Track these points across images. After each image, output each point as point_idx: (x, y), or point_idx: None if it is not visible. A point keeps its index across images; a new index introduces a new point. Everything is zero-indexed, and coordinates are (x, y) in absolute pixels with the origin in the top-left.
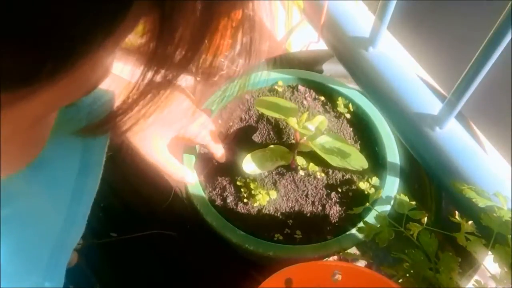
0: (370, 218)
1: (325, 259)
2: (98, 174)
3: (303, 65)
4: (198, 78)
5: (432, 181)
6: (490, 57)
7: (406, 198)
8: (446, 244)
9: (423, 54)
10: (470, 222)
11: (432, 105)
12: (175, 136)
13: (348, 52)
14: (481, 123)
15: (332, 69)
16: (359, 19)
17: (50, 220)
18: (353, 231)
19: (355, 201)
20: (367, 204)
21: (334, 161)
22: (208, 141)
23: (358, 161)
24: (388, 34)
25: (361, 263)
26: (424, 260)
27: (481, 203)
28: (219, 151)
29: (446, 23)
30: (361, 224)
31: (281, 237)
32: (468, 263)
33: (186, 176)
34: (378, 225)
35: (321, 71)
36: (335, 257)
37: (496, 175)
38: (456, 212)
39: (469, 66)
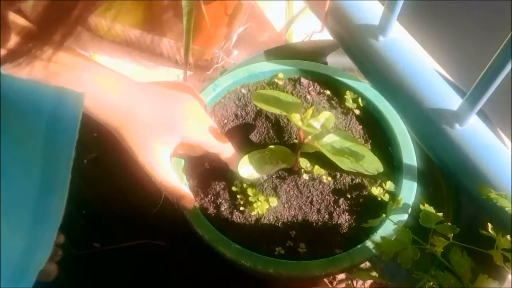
0: (386, 229)
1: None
2: (63, 194)
3: (305, 57)
4: (189, 72)
5: (449, 184)
6: None
7: (431, 209)
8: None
9: (436, 47)
10: (507, 236)
11: (450, 100)
12: (179, 144)
13: (355, 42)
14: (500, 122)
15: (338, 62)
16: (367, 5)
17: (9, 244)
18: (366, 243)
19: (367, 209)
20: (384, 215)
21: (344, 164)
22: (214, 143)
23: (372, 163)
24: (398, 24)
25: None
26: (456, 283)
27: None
28: (229, 151)
29: (461, 13)
30: (376, 237)
31: (282, 251)
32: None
33: (184, 198)
34: (395, 239)
35: (325, 64)
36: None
37: None
38: (489, 225)
39: (494, 57)
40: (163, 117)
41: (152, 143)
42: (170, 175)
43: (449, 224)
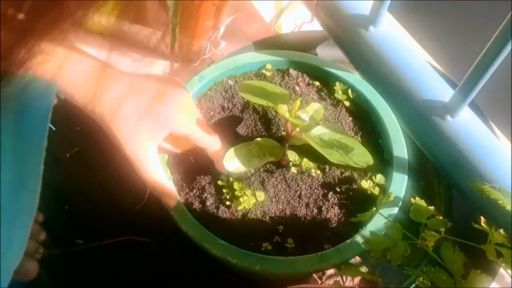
0: (376, 223)
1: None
2: (36, 190)
3: (294, 49)
4: (176, 64)
5: (441, 177)
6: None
7: (423, 203)
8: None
9: (428, 38)
10: (500, 230)
11: (442, 91)
12: (167, 137)
13: (346, 33)
14: (491, 114)
15: (328, 53)
16: None
17: None
18: (356, 238)
19: (356, 203)
20: (374, 209)
21: (333, 157)
22: (203, 136)
23: (362, 156)
24: (389, 15)
25: (362, 270)
26: (447, 279)
27: (509, 206)
28: (216, 145)
29: (453, 5)
30: (365, 232)
31: (269, 247)
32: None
33: (166, 195)
34: (385, 235)
35: (315, 55)
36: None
37: None
38: (482, 218)
39: (486, 48)
40: (153, 111)
41: (140, 136)
42: (156, 170)
43: (441, 218)
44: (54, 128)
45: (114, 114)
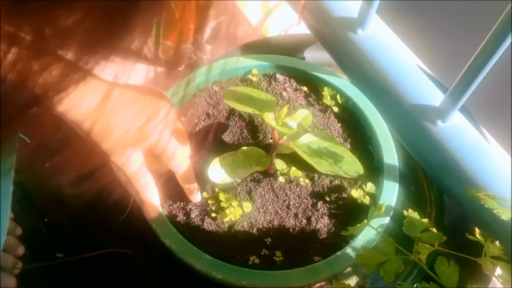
0: (367, 235)
1: None
2: (6, 198)
3: (281, 53)
4: (159, 68)
5: (432, 183)
6: (504, 40)
7: (416, 215)
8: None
9: (418, 41)
10: (496, 242)
11: (432, 96)
12: (146, 154)
13: (334, 36)
14: (482, 118)
15: (315, 56)
16: None
17: None
18: (347, 250)
19: (347, 212)
20: (365, 220)
21: (322, 166)
22: (172, 146)
23: (352, 165)
24: (378, 18)
25: (353, 280)
26: None
27: (505, 215)
28: (184, 169)
29: (443, 7)
30: (356, 244)
31: (257, 261)
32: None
33: (150, 206)
34: (378, 250)
35: (302, 59)
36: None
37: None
38: (476, 230)
39: (478, 51)
40: (135, 120)
41: (125, 144)
42: (143, 174)
43: (435, 231)
44: (28, 140)
45: (95, 122)
